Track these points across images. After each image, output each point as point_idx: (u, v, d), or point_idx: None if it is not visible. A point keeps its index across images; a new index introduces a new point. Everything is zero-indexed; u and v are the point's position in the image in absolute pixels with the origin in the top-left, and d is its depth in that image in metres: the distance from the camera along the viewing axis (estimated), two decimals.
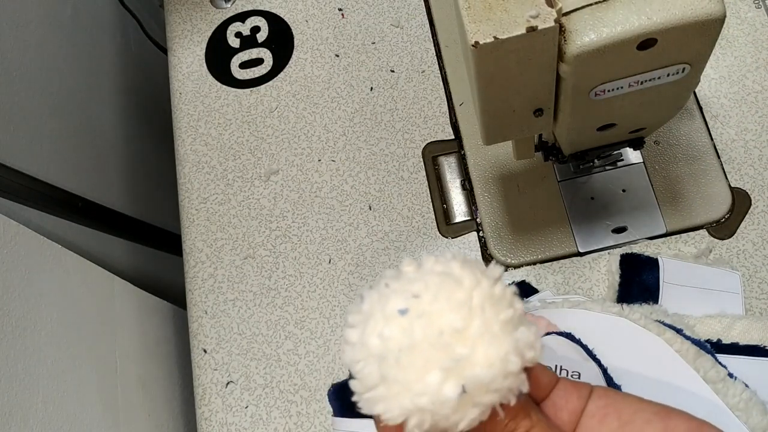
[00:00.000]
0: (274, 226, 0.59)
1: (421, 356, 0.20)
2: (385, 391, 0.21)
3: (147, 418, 0.57)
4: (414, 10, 0.65)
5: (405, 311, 0.21)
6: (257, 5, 0.67)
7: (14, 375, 0.41)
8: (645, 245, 0.53)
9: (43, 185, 0.55)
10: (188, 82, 0.65)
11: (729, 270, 0.51)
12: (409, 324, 0.21)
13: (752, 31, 0.59)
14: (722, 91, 0.58)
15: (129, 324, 0.58)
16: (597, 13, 0.32)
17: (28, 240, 0.46)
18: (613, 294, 0.51)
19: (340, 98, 0.63)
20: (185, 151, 0.63)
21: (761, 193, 0.54)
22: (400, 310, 0.21)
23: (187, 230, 0.60)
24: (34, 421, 0.42)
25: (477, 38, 0.31)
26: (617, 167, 0.55)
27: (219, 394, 0.54)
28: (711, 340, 0.48)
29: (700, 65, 0.35)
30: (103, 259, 0.62)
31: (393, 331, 0.21)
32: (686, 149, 0.55)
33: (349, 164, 0.60)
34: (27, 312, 0.44)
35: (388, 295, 0.22)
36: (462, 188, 0.58)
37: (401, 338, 0.21)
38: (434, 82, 0.62)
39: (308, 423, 0.53)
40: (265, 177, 0.61)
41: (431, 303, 0.21)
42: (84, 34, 0.69)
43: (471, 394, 0.20)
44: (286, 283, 0.57)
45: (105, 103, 0.72)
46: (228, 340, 0.56)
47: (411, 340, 0.20)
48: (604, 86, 0.34)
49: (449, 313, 0.21)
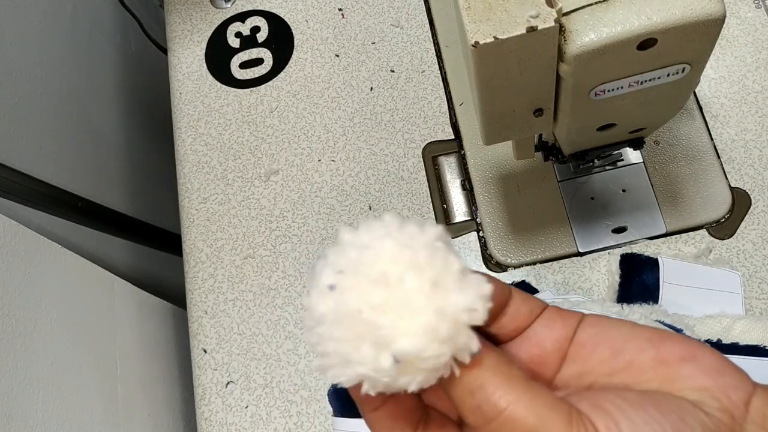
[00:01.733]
0: (274, 226, 0.59)
1: (352, 330, 0.21)
2: (329, 361, 0.21)
3: (147, 418, 0.57)
4: (414, 10, 0.65)
5: (333, 287, 0.21)
6: (257, 5, 0.67)
7: (14, 375, 0.41)
8: (645, 245, 0.53)
9: (43, 185, 0.55)
10: (188, 82, 0.65)
11: (729, 270, 0.51)
12: (336, 301, 0.21)
13: (752, 31, 0.59)
14: (722, 91, 0.58)
15: (129, 324, 0.58)
16: (597, 13, 0.32)
17: (28, 240, 0.46)
18: (613, 294, 0.51)
19: (340, 98, 0.63)
20: (185, 151, 0.63)
21: (761, 193, 0.54)
22: (329, 285, 0.21)
23: (187, 230, 0.60)
24: (34, 421, 0.42)
25: (477, 38, 0.31)
26: (617, 167, 0.55)
27: (219, 394, 0.54)
28: (711, 340, 0.48)
29: (700, 65, 0.35)
30: (103, 259, 0.62)
31: (324, 306, 0.21)
32: (686, 149, 0.55)
33: (349, 164, 0.60)
34: (27, 312, 0.44)
35: (323, 267, 0.22)
36: (462, 188, 0.58)
37: (330, 314, 0.21)
38: (434, 82, 0.62)
39: (308, 423, 0.53)
40: (265, 177, 0.61)
41: (353, 278, 0.21)
42: (84, 34, 0.69)
43: (406, 363, 0.20)
44: (286, 283, 0.57)
45: (105, 103, 0.72)
46: (228, 340, 0.56)
47: (339, 316, 0.21)
48: (604, 86, 0.34)
49: (368, 288, 0.21)
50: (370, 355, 0.20)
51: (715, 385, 0.22)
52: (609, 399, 0.22)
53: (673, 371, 0.22)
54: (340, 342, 0.21)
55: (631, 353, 0.23)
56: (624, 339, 0.23)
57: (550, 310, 0.24)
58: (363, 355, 0.20)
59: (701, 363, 0.22)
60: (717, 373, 0.22)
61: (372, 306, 0.20)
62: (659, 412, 0.21)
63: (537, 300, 0.25)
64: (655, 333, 0.23)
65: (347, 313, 0.21)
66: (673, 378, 0.22)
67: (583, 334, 0.24)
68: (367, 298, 0.21)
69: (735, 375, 0.22)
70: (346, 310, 0.21)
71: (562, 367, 0.24)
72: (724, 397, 0.21)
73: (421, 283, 0.21)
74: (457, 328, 0.21)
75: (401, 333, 0.20)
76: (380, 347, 0.20)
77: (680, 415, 0.21)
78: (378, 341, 0.20)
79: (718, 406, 0.21)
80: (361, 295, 0.21)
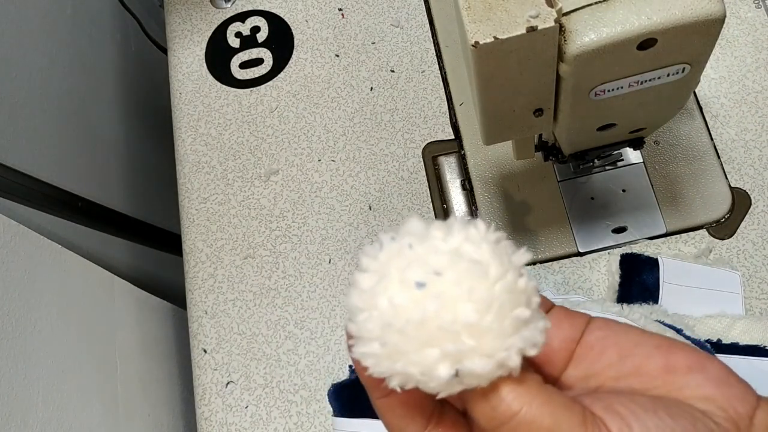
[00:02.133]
0: (274, 226, 0.59)
1: (426, 333, 0.20)
2: (379, 350, 0.21)
3: (147, 418, 0.57)
4: (414, 10, 0.65)
5: (423, 285, 0.21)
6: (257, 5, 0.67)
7: (14, 375, 0.41)
8: (645, 245, 0.53)
9: (43, 185, 0.55)
10: (188, 82, 0.65)
11: (729, 270, 0.51)
12: (424, 300, 0.21)
13: (752, 31, 0.59)
14: (722, 91, 0.58)
15: (129, 324, 0.58)
16: (597, 13, 0.32)
17: (28, 240, 0.46)
18: (613, 294, 0.51)
19: (340, 98, 0.63)
20: (185, 151, 0.63)
21: (761, 193, 0.54)
22: (418, 282, 0.21)
23: (187, 230, 0.60)
24: (34, 421, 0.42)
25: (477, 38, 0.31)
26: (617, 167, 0.55)
27: (219, 394, 0.54)
28: (711, 340, 0.48)
29: (700, 65, 0.35)
30: (103, 259, 0.62)
31: (405, 300, 0.21)
32: (686, 149, 0.55)
33: (349, 164, 0.60)
34: (27, 312, 0.44)
35: (410, 259, 0.21)
36: (462, 188, 0.58)
37: (412, 311, 0.20)
38: (434, 82, 0.62)
39: (308, 423, 0.53)
40: (265, 177, 0.61)
41: (452, 287, 0.21)
42: (84, 34, 0.69)
43: (461, 378, 0.20)
44: (286, 283, 0.57)
45: (105, 103, 0.72)
46: (228, 340, 0.56)
47: (421, 316, 0.20)
48: (604, 86, 0.34)
49: (467, 302, 0.20)
50: (430, 360, 0.20)
51: (722, 396, 0.22)
52: (622, 402, 0.22)
53: (681, 379, 0.22)
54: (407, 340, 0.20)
55: (639, 359, 0.23)
56: (632, 344, 0.23)
57: (558, 309, 0.25)
58: (423, 357, 0.20)
59: (709, 373, 0.22)
60: (724, 384, 0.22)
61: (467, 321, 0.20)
62: (670, 417, 0.21)
63: (545, 298, 0.25)
64: (664, 341, 0.23)
65: (435, 318, 0.20)
66: (680, 386, 0.22)
67: (592, 336, 0.24)
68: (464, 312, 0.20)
69: (741, 387, 0.22)
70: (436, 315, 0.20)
71: (569, 367, 0.24)
72: (731, 408, 0.22)
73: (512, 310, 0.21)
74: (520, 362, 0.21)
75: (479, 353, 0.20)
76: (448, 358, 0.20)
77: (691, 421, 0.21)
78: (451, 353, 0.20)
79: (724, 416, 0.21)
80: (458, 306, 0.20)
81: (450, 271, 0.21)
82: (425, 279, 0.21)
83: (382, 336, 0.21)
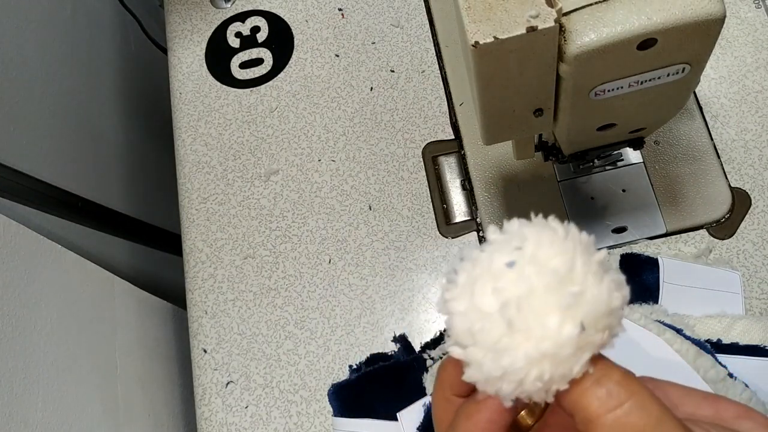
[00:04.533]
0: (274, 226, 0.59)
1: (538, 301, 0.21)
2: (509, 342, 0.21)
3: (147, 418, 0.57)
4: (414, 10, 0.65)
5: (512, 264, 0.22)
6: (257, 5, 0.67)
7: (14, 375, 0.41)
8: (645, 245, 0.53)
9: (43, 185, 0.55)
10: (188, 82, 0.65)
11: (729, 270, 0.51)
12: (520, 273, 0.22)
13: (752, 31, 0.59)
14: (722, 91, 0.58)
15: (129, 324, 0.58)
16: (597, 13, 0.32)
17: (28, 240, 0.46)
18: None
19: (340, 98, 0.63)
20: (185, 151, 0.63)
21: (761, 193, 0.54)
22: (508, 263, 0.22)
23: (187, 230, 0.60)
24: (34, 421, 0.42)
25: (477, 38, 0.31)
26: (617, 167, 0.55)
27: (219, 394, 0.54)
28: (711, 340, 0.48)
29: (700, 65, 0.35)
30: (103, 259, 0.62)
31: (506, 283, 0.22)
32: (686, 149, 0.55)
33: (349, 164, 0.60)
34: (27, 312, 0.44)
35: (489, 256, 0.23)
36: (462, 188, 0.58)
37: (516, 288, 0.21)
38: (434, 82, 0.62)
39: (308, 423, 0.53)
40: (265, 177, 0.61)
41: (536, 250, 0.22)
42: (83, 34, 0.69)
43: (587, 332, 0.21)
44: (286, 283, 0.57)
45: (105, 103, 0.72)
46: (228, 340, 0.56)
47: (527, 286, 0.21)
48: (604, 86, 0.34)
49: (555, 256, 0.22)
50: (554, 326, 0.21)
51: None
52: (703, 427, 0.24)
53: (734, 425, 0.25)
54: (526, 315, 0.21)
55: (690, 407, 0.25)
56: (680, 395, 0.26)
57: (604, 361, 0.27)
58: (547, 328, 0.21)
59: (757, 420, 0.25)
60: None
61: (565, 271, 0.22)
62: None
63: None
64: (709, 394, 0.26)
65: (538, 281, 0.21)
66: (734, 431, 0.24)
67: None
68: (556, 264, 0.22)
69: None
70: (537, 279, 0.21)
71: None
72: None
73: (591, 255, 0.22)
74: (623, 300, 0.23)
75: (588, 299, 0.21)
76: (567, 314, 0.21)
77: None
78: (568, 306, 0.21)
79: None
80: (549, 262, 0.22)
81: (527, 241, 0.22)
82: (511, 257, 0.22)
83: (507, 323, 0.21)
